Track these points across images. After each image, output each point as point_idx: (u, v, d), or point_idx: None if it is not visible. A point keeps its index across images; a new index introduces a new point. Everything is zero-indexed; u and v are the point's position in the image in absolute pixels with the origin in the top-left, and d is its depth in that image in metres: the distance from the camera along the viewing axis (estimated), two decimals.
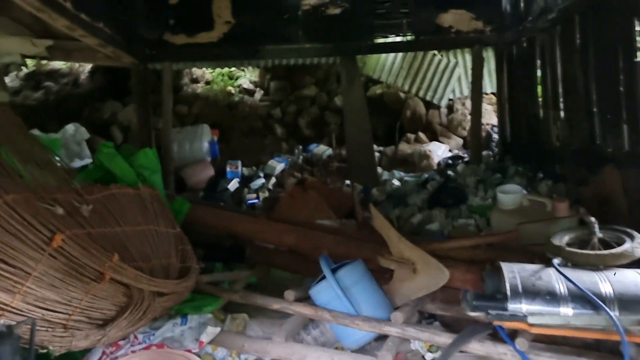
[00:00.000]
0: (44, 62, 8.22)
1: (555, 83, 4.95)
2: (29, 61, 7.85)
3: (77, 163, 6.64)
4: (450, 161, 6.91)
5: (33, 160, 3.14)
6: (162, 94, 6.50)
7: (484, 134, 7.16)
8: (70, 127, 6.76)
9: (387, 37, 6.50)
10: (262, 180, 7.09)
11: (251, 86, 9.27)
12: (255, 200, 6.48)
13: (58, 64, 8.76)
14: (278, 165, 7.38)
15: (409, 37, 6.42)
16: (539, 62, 5.37)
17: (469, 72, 8.25)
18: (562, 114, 4.92)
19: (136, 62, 6.00)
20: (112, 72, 8.20)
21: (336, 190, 5.81)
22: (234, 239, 3.92)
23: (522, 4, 5.78)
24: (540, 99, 5.43)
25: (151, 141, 6.38)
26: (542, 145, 5.38)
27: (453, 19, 6.35)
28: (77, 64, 8.69)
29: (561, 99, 4.90)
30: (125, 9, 5.59)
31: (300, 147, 8.14)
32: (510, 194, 3.54)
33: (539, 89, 5.46)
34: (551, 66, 5.02)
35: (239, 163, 7.35)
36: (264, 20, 6.16)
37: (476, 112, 6.57)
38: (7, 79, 8.41)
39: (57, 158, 3.43)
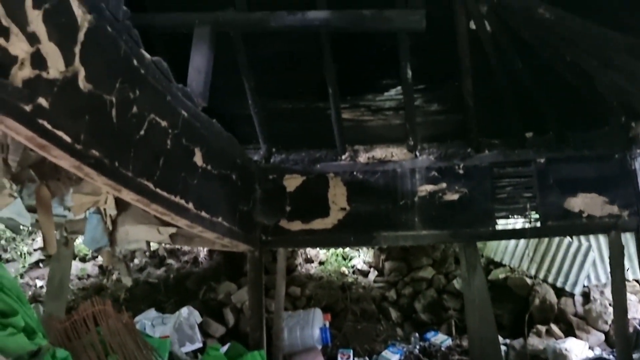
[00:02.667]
0: None
1: None
2: None
3: (188, 347, 6.68)
4: None
5: None
6: (276, 279, 6.56)
7: (631, 329, 6.32)
8: (184, 311, 6.93)
9: (510, 220, 6.23)
10: None
11: (365, 267, 9.18)
12: None
13: None
14: (392, 357, 6.93)
15: (534, 221, 6.09)
16: None
17: (605, 256, 7.65)
18: None
19: (252, 248, 6.15)
20: (229, 252, 8.52)
21: None
22: None
23: None
24: None
25: (262, 325, 6.28)
26: None
27: (583, 202, 5.98)
28: None
29: None
30: (244, 200, 5.87)
31: (417, 334, 7.67)
32: None
33: None
34: None
35: (351, 353, 7.02)
36: (379, 207, 6.18)
37: (619, 306, 5.85)
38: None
39: None
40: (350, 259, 9.41)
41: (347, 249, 9.42)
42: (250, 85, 5.96)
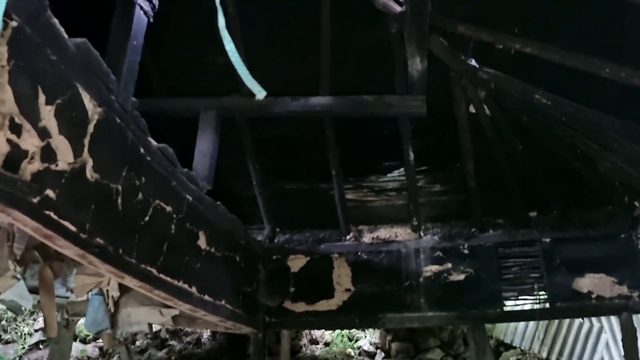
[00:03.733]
0: None
1: None
2: None
3: None
4: None
5: None
6: None
7: None
8: None
9: (518, 300, 6.12)
10: None
11: (371, 348, 8.95)
12: None
13: None
14: None
15: (542, 302, 5.98)
16: None
17: (618, 337, 7.45)
18: None
19: (255, 330, 6.05)
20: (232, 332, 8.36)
21: None
22: None
23: None
24: None
25: None
26: None
27: (592, 283, 5.91)
28: None
29: None
30: (247, 281, 5.84)
31: None
32: None
33: None
34: None
35: None
36: (384, 287, 6.13)
37: None
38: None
39: None
40: (356, 340, 9.20)
41: (353, 330, 9.23)
42: (254, 167, 6.07)
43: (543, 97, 4.69)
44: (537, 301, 6.00)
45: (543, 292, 5.99)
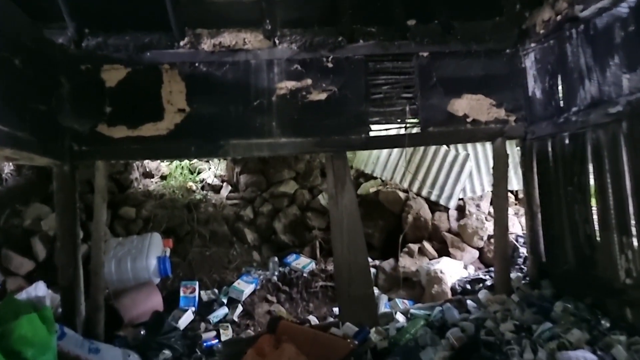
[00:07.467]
0: None
1: (622, 198, 3.89)
2: None
3: None
4: (468, 286, 5.75)
5: None
6: (94, 199, 5.34)
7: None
8: None
9: (386, 124, 5.47)
10: (225, 310, 5.85)
11: (217, 181, 8.16)
12: (214, 342, 5.24)
13: None
14: (246, 288, 6.16)
15: (412, 127, 5.40)
16: (591, 165, 4.34)
17: (482, 165, 7.33)
18: (634, 240, 3.82)
19: (58, 162, 4.86)
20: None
21: (322, 337, 4.56)
22: None
23: (559, 91, 4.83)
24: (595, 216, 4.34)
25: (77, 259, 5.12)
26: (601, 278, 4.26)
27: (468, 105, 5.41)
28: None
29: (632, 221, 3.81)
30: (40, 97, 4.50)
31: (276, 258, 6.94)
32: None
33: (593, 200, 4.40)
34: (614, 174, 3.98)
35: (197, 285, 6.12)
36: (228, 108, 5.14)
37: (501, 224, 5.47)
38: None
39: None
40: (199, 172, 8.34)
41: (195, 161, 8.31)
42: None
43: None
44: (407, 125, 5.40)
45: (415, 116, 5.40)
